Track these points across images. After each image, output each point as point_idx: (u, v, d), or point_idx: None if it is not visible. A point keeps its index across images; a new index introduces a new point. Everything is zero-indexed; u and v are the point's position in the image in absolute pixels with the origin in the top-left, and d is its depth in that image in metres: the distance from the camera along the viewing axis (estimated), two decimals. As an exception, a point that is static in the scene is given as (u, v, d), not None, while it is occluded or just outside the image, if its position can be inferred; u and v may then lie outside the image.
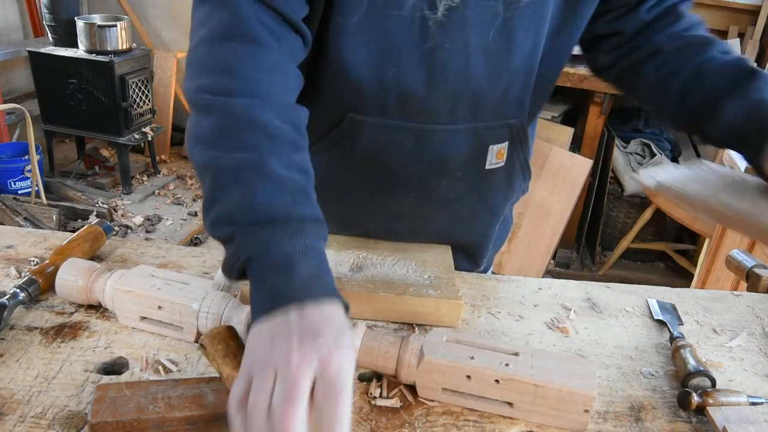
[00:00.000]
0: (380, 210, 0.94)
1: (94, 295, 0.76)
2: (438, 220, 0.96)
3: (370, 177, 0.90)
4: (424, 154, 0.86)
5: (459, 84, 0.80)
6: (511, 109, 0.85)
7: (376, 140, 0.84)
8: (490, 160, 0.89)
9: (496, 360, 0.66)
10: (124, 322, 0.75)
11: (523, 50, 0.80)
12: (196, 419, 0.57)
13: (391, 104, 0.80)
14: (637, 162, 3.21)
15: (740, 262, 0.97)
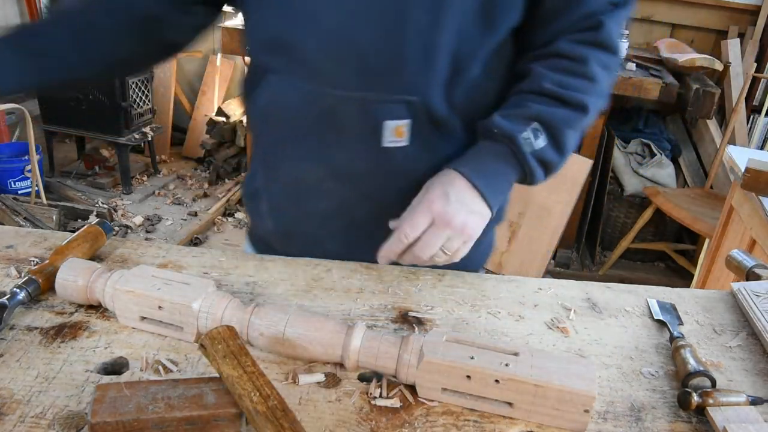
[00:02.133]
0: (293, 181, 0.95)
1: (94, 295, 0.76)
2: (345, 195, 0.94)
3: (281, 139, 0.93)
4: (318, 120, 0.88)
5: (345, 49, 0.82)
6: (409, 84, 0.84)
7: (281, 100, 0.89)
8: (388, 138, 0.87)
9: (496, 360, 0.66)
10: (124, 322, 0.75)
11: (418, 24, 0.80)
12: (196, 419, 0.57)
13: (289, 62, 0.86)
14: (637, 162, 3.21)
15: (740, 262, 0.97)
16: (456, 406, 0.67)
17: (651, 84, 2.79)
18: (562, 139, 0.86)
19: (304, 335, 0.69)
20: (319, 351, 0.70)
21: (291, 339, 0.69)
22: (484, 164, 0.85)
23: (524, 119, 0.85)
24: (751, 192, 1.70)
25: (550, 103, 0.85)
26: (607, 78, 0.89)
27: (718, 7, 3.41)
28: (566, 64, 0.87)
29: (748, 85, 2.99)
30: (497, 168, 0.85)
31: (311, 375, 0.69)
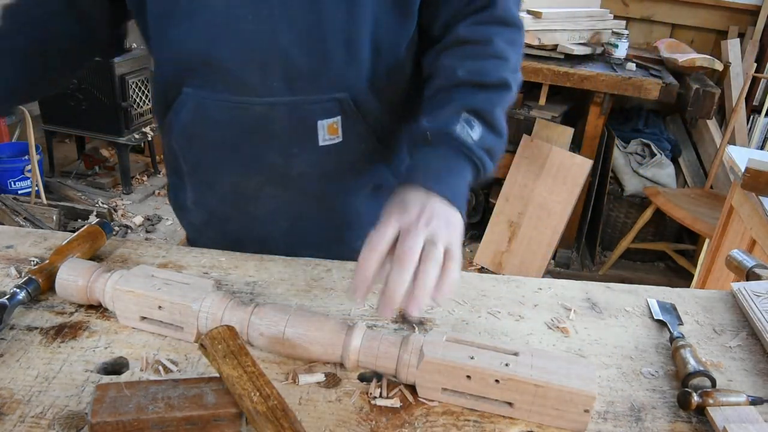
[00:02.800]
0: (232, 190, 0.95)
1: (94, 295, 0.76)
2: (292, 200, 0.95)
3: (213, 153, 0.92)
4: (250, 129, 0.87)
5: (268, 55, 0.81)
6: (335, 81, 0.84)
7: (206, 114, 0.87)
8: (323, 136, 0.88)
9: (496, 360, 0.66)
10: (125, 322, 0.75)
11: (334, 18, 0.80)
12: (196, 419, 0.57)
13: (209, 76, 0.84)
14: (637, 162, 3.22)
15: (740, 262, 0.97)
16: (456, 406, 0.67)
17: (651, 84, 2.79)
18: (495, 121, 0.81)
19: (304, 335, 0.69)
20: (319, 351, 0.70)
21: (291, 339, 0.69)
22: (433, 170, 0.76)
23: (452, 114, 0.79)
24: (751, 192, 1.70)
25: (471, 90, 0.81)
26: (516, 53, 0.87)
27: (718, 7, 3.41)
28: (471, 49, 0.84)
29: (748, 85, 2.99)
30: (449, 168, 0.77)
31: (311, 375, 0.69)
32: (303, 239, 0.98)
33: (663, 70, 3.01)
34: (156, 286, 0.73)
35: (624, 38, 3.04)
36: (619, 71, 2.87)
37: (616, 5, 3.44)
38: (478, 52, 0.83)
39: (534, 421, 0.66)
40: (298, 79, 0.83)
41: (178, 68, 0.86)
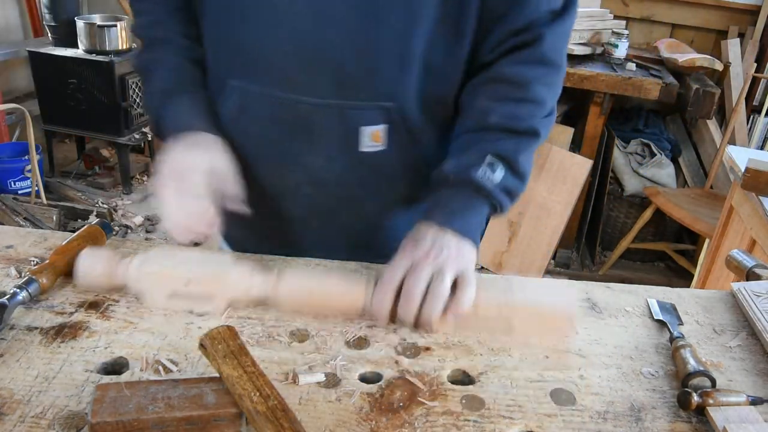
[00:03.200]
0: (268, 188, 0.95)
1: (117, 281, 0.77)
2: (323, 202, 0.95)
3: (254, 148, 0.92)
4: (295, 127, 0.87)
5: (320, 58, 0.81)
6: (384, 91, 0.84)
7: (250, 108, 0.88)
8: (365, 143, 0.88)
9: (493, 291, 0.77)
10: (152, 304, 0.77)
11: (391, 31, 0.80)
12: (196, 419, 0.57)
13: (257, 70, 0.85)
14: (637, 162, 3.22)
15: (740, 262, 0.97)
16: (456, 406, 0.67)
17: (651, 84, 2.79)
18: (518, 166, 0.85)
19: (329, 291, 0.76)
20: (344, 304, 0.76)
21: (317, 296, 0.76)
22: (450, 209, 0.82)
23: (476, 158, 0.83)
24: (751, 192, 1.69)
25: (500, 136, 0.85)
26: (553, 96, 0.89)
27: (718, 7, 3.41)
28: (509, 91, 0.85)
29: (748, 85, 2.99)
30: (464, 207, 0.83)
31: (311, 375, 0.69)
32: (331, 242, 0.97)
33: (663, 70, 3.01)
34: (180, 263, 0.76)
35: (624, 38, 3.04)
36: (619, 71, 2.87)
37: (616, 5, 3.44)
38: (516, 96, 0.85)
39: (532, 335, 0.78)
40: (347, 84, 0.83)
41: (227, 59, 0.88)
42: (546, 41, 0.85)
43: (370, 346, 0.75)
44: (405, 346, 0.76)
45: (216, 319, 0.78)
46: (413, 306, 0.74)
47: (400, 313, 0.75)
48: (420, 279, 0.74)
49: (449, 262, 0.76)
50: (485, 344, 0.78)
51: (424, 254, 0.76)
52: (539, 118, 0.87)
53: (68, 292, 0.80)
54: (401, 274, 0.75)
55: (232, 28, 0.85)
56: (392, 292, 0.75)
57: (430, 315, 0.73)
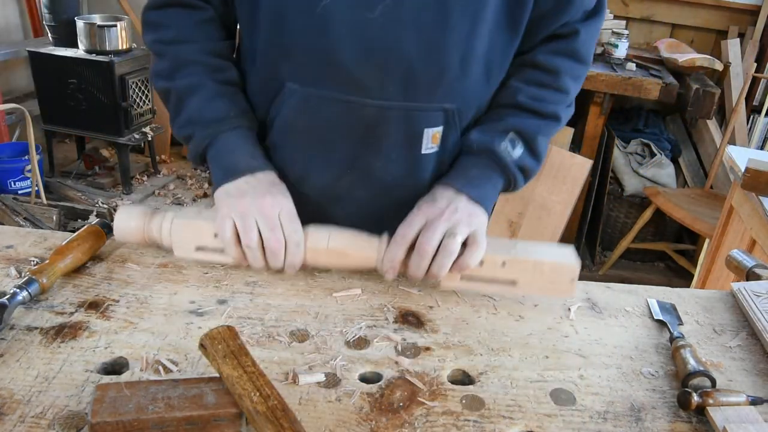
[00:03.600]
0: (319, 189, 0.94)
1: (151, 234, 0.84)
2: (376, 205, 0.95)
3: (309, 150, 0.91)
4: (357, 130, 0.87)
5: (390, 59, 0.81)
6: (447, 92, 0.85)
7: (311, 111, 0.87)
8: (426, 145, 0.89)
9: (500, 248, 0.82)
10: (180, 254, 0.84)
11: (458, 32, 0.81)
12: (196, 419, 0.57)
13: (322, 73, 0.84)
14: (637, 162, 3.21)
15: (740, 262, 0.97)
16: (456, 406, 0.67)
17: (651, 84, 2.79)
18: (536, 146, 0.91)
19: (346, 244, 0.82)
20: (359, 256, 0.82)
21: (335, 249, 0.82)
22: (468, 176, 0.88)
23: (501, 132, 0.89)
24: (751, 192, 1.69)
25: (525, 115, 0.90)
26: (576, 88, 0.95)
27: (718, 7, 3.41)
28: (540, 76, 0.91)
29: (748, 85, 2.99)
30: (482, 176, 0.88)
31: (311, 375, 0.69)
32: None
33: (663, 70, 3.01)
34: (211, 218, 0.83)
35: (624, 38, 3.04)
36: (619, 71, 2.87)
37: (616, 5, 3.44)
38: (545, 81, 0.91)
39: (533, 293, 0.84)
40: (414, 86, 0.84)
41: (285, 62, 0.86)
42: (580, 37, 0.91)
43: (370, 346, 0.75)
44: (405, 346, 0.76)
45: (216, 319, 0.78)
46: (425, 261, 0.80)
47: (411, 266, 0.81)
48: (434, 236, 0.80)
49: (462, 222, 0.81)
50: (485, 344, 0.78)
51: (439, 213, 0.82)
52: (563, 106, 0.93)
53: (68, 292, 0.80)
54: (416, 230, 0.81)
55: (294, 33, 0.83)
56: (405, 246, 0.81)
57: (439, 270, 0.80)
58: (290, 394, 0.66)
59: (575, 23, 0.91)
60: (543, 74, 0.91)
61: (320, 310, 0.81)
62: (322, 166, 0.92)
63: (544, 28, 0.90)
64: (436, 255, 0.80)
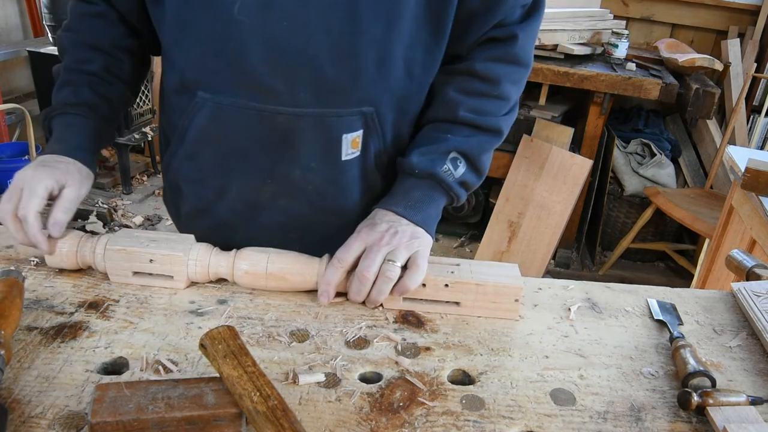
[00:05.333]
0: (241, 199, 0.93)
1: (84, 259, 0.82)
2: (301, 213, 0.94)
3: (226, 160, 0.90)
4: (272, 138, 0.85)
5: (299, 64, 0.79)
6: (364, 95, 0.84)
7: (224, 120, 0.85)
8: (346, 151, 0.88)
9: (444, 270, 0.82)
10: (116, 280, 0.82)
11: (371, 33, 0.79)
12: (196, 419, 0.57)
13: (232, 81, 0.82)
14: (637, 162, 3.21)
15: (740, 262, 0.97)
16: (456, 406, 0.67)
17: (651, 84, 2.79)
18: (479, 164, 0.91)
19: (285, 268, 0.81)
20: (299, 280, 0.82)
21: (274, 273, 0.81)
22: (410, 198, 0.87)
23: (442, 153, 0.88)
24: (751, 192, 1.69)
25: (467, 132, 0.89)
26: (517, 93, 0.93)
27: (718, 7, 3.41)
28: (480, 86, 0.89)
29: (748, 85, 2.99)
30: (424, 197, 0.88)
31: (311, 375, 0.69)
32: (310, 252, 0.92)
33: (663, 70, 3.01)
34: (144, 243, 0.82)
35: (624, 38, 3.04)
36: (619, 71, 2.87)
37: (616, 5, 3.44)
38: (485, 90, 0.89)
39: (476, 315, 0.82)
40: (327, 91, 0.82)
41: (195, 71, 0.84)
42: (519, 41, 0.88)
43: (370, 346, 0.75)
44: (405, 346, 0.76)
45: (216, 319, 0.78)
46: (365, 288, 0.80)
47: (351, 292, 0.81)
48: (374, 263, 0.79)
49: (402, 246, 0.81)
50: (485, 344, 0.78)
51: (379, 237, 0.81)
52: (502, 114, 0.92)
53: (68, 292, 0.80)
54: (354, 255, 0.81)
55: (200, 40, 0.81)
56: (343, 270, 0.80)
57: (378, 295, 0.80)
58: (290, 394, 0.66)
59: (512, 26, 0.88)
60: (482, 83, 0.89)
61: (320, 310, 0.81)
62: (241, 176, 0.91)
63: (477, 29, 0.87)
64: (375, 280, 0.79)
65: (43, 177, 0.80)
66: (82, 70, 0.91)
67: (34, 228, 0.78)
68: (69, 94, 0.90)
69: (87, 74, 0.91)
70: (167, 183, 1.02)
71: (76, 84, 0.90)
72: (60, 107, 0.90)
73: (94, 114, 0.90)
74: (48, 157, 0.85)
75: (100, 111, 0.91)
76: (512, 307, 0.82)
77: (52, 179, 0.80)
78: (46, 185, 0.80)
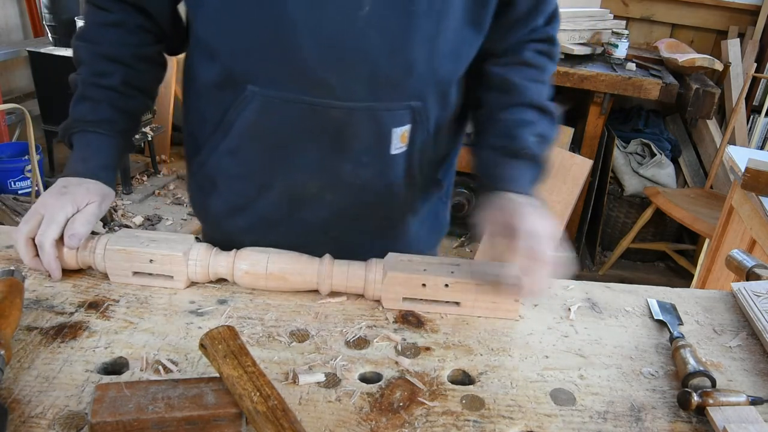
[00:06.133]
0: (286, 193, 0.92)
1: (84, 259, 0.82)
2: (346, 209, 0.94)
3: (273, 154, 0.89)
4: (323, 133, 0.85)
5: (355, 59, 0.79)
6: (414, 90, 0.85)
7: (274, 114, 0.84)
8: (395, 144, 0.88)
9: (444, 270, 0.82)
10: (116, 280, 0.82)
11: (424, 29, 0.80)
12: (196, 419, 0.57)
13: (284, 75, 0.81)
14: (637, 162, 3.21)
15: (740, 262, 0.97)
16: (456, 406, 0.67)
17: (651, 84, 2.79)
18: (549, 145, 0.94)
19: (285, 268, 0.81)
20: (299, 280, 0.82)
21: (274, 273, 0.81)
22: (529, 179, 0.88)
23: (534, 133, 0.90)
24: (751, 192, 1.69)
25: (539, 116, 0.92)
26: None
27: (718, 7, 3.41)
28: (535, 73, 0.94)
29: (748, 85, 2.99)
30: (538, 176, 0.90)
31: (311, 375, 0.69)
32: (349, 249, 0.91)
33: (663, 70, 3.01)
34: (144, 243, 0.82)
35: (624, 38, 3.04)
36: (619, 71, 2.87)
37: (616, 5, 3.44)
38: (539, 78, 0.95)
39: (476, 315, 0.83)
40: (380, 85, 0.82)
41: (244, 64, 0.83)
42: (556, 44, 0.96)
43: (370, 346, 0.75)
44: (405, 346, 0.76)
45: (216, 319, 0.78)
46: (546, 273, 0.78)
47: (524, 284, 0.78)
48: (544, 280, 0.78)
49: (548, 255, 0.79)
50: (485, 344, 0.78)
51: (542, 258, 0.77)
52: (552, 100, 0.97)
53: (68, 292, 0.80)
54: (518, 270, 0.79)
55: (249, 33, 0.80)
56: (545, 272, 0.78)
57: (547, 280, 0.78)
58: (290, 394, 0.66)
59: (548, 28, 0.95)
60: (536, 71, 0.94)
61: (320, 310, 0.81)
62: (288, 171, 0.90)
63: (518, 31, 0.93)
64: None
65: (65, 204, 0.81)
66: (100, 84, 0.89)
67: (50, 256, 0.79)
68: (88, 110, 0.88)
69: (106, 89, 0.89)
70: (197, 181, 1.00)
71: (95, 99, 0.88)
72: (79, 124, 0.88)
73: (114, 130, 0.89)
74: (70, 181, 0.84)
75: (120, 126, 0.90)
76: (512, 307, 0.82)
77: (72, 206, 0.81)
78: (67, 213, 0.80)
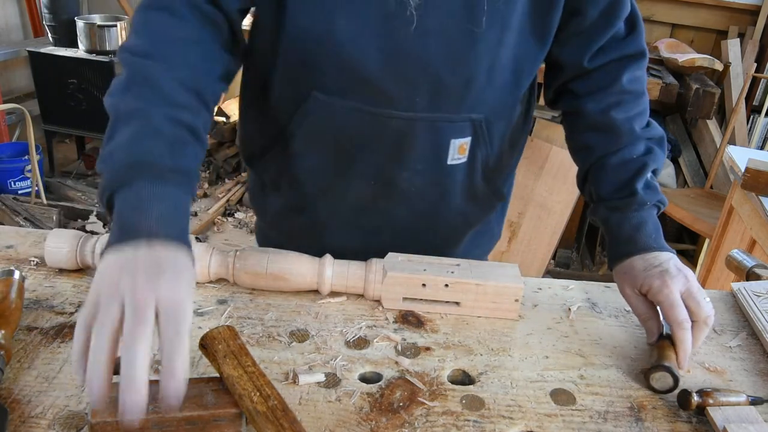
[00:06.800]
0: (342, 200, 0.93)
1: (84, 259, 0.81)
2: (399, 216, 0.94)
3: (332, 161, 0.89)
4: (382, 142, 0.85)
5: (417, 70, 0.80)
6: (474, 102, 0.84)
7: (337, 121, 0.84)
8: (452, 155, 0.88)
9: (444, 270, 0.83)
10: None
11: (485, 42, 0.79)
12: (196, 419, 0.57)
13: (348, 84, 0.81)
14: (637, 162, 3.21)
15: (740, 262, 0.97)
16: (456, 406, 0.67)
17: (651, 84, 2.79)
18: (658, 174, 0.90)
19: (285, 268, 0.81)
20: (299, 280, 0.82)
21: (274, 272, 0.81)
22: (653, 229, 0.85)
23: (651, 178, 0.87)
24: (751, 192, 1.69)
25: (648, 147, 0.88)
26: None
27: (718, 7, 3.41)
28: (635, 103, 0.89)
29: (748, 85, 2.99)
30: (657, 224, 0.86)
31: (311, 375, 0.69)
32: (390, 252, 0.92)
33: (663, 70, 3.00)
34: None
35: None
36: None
37: (616, 5, 3.43)
38: (640, 104, 0.90)
39: (476, 315, 0.83)
40: (442, 96, 0.82)
41: (310, 73, 0.82)
42: (646, 53, 0.91)
43: (370, 346, 0.75)
44: (405, 346, 0.76)
45: (216, 319, 0.78)
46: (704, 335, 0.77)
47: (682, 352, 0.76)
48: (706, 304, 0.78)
49: None
50: (485, 344, 0.78)
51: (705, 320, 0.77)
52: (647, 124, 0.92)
53: (68, 292, 0.80)
54: None
55: (320, 44, 0.79)
56: None
57: None
58: (290, 394, 0.66)
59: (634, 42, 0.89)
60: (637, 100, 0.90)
61: (320, 310, 0.81)
62: (346, 178, 0.90)
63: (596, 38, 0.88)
64: None
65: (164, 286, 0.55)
66: (181, 121, 0.68)
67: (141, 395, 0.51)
68: (165, 149, 0.65)
69: (187, 129, 0.69)
70: (259, 181, 1.01)
71: (176, 141, 0.67)
72: (156, 167, 0.64)
73: (191, 187, 0.68)
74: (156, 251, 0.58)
75: (194, 183, 0.69)
76: (512, 307, 0.82)
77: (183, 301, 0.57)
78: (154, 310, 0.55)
